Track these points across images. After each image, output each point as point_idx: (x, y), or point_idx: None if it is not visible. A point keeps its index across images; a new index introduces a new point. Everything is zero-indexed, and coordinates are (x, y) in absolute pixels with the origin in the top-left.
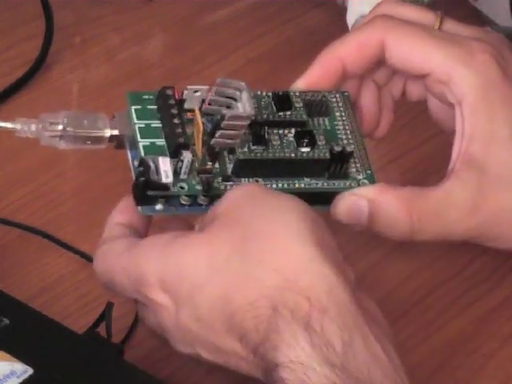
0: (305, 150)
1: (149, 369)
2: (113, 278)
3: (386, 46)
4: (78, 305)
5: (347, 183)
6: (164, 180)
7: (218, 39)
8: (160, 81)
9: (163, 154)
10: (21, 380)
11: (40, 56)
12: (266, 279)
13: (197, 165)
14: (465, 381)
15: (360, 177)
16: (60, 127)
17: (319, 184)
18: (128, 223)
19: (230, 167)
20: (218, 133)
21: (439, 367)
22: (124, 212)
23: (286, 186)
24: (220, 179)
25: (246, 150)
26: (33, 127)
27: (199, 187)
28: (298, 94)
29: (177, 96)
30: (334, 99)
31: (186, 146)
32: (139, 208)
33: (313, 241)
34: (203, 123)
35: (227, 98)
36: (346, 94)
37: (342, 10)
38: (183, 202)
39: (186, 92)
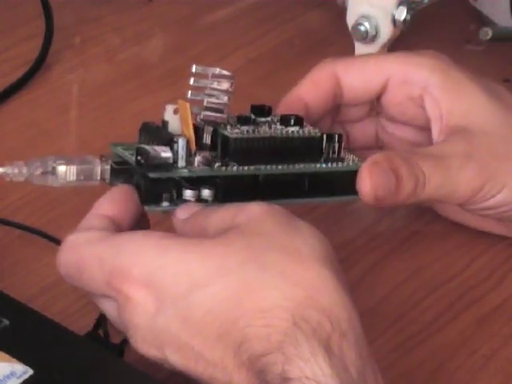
0: (293, 129)
1: (148, 369)
2: (81, 266)
3: (339, 77)
4: (77, 305)
5: (345, 164)
6: (163, 154)
7: (218, 39)
8: (160, 81)
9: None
10: (21, 381)
11: (40, 56)
12: (286, 291)
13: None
14: (465, 381)
15: (354, 158)
16: (51, 164)
17: (317, 166)
18: (111, 216)
19: (225, 155)
20: (205, 101)
21: (439, 367)
22: (109, 202)
23: (284, 168)
24: (219, 163)
25: (236, 130)
26: (23, 169)
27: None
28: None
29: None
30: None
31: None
32: (146, 207)
33: (334, 269)
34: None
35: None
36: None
37: (342, 10)
38: (188, 199)
39: (166, 113)
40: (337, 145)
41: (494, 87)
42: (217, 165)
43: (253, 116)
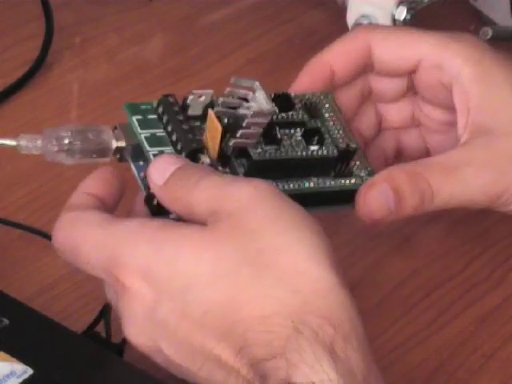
0: (314, 148)
1: (148, 369)
2: (77, 248)
3: (372, 49)
4: (77, 305)
5: (352, 180)
6: None
7: (218, 39)
8: (160, 81)
9: None
10: (21, 380)
11: (40, 56)
12: (285, 298)
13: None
14: (465, 381)
15: (362, 174)
16: (66, 141)
17: (327, 183)
18: (101, 196)
19: (240, 170)
20: (240, 132)
21: (439, 367)
22: (98, 182)
23: (296, 186)
24: None
25: (260, 150)
26: (38, 143)
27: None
28: (293, 95)
29: (178, 102)
30: (319, 101)
31: (200, 150)
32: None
33: (332, 265)
34: (222, 126)
35: (238, 98)
36: (329, 95)
37: (342, 10)
38: None
39: (190, 97)
40: (351, 161)
41: None
42: None
43: (278, 134)
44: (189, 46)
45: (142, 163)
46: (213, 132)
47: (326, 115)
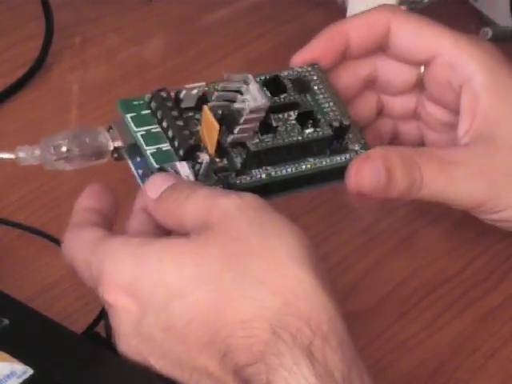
0: (309, 131)
1: (148, 369)
2: (75, 267)
3: (391, 30)
4: (77, 305)
5: (347, 156)
6: (184, 175)
7: (218, 39)
8: (160, 81)
9: (171, 159)
10: (21, 380)
11: (40, 56)
12: (266, 301)
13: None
14: (465, 381)
15: (356, 147)
16: (64, 149)
17: (323, 162)
18: (97, 209)
19: (237, 161)
20: (237, 128)
21: (439, 367)
22: (92, 197)
23: (293, 170)
24: (234, 175)
25: (257, 140)
26: (36, 153)
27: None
28: (283, 74)
29: (172, 96)
30: (308, 74)
31: (197, 147)
32: None
33: (312, 268)
34: (219, 122)
35: (232, 91)
36: (316, 66)
37: (342, 10)
38: None
39: (183, 92)
40: (345, 136)
41: None
42: (231, 177)
43: (273, 121)
44: (189, 45)
45: (139, 159)
46: (209, 128)
47: (315, 88)
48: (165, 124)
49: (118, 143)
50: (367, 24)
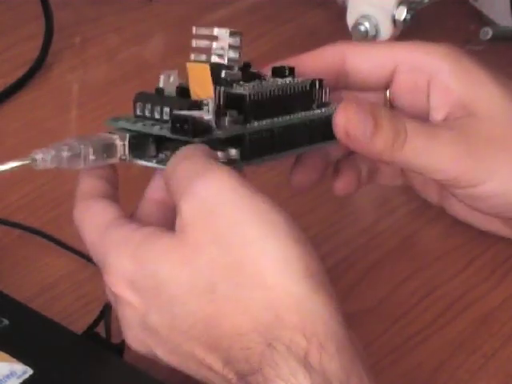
0: (288, 79)
1: (148, 369)
2: (83, 240)
3: (347, 57)
4: (77, 305)
5: (334, 107)
6: (206, 117)
7: None
8: None
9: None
10: (21, 380)
11: (40, 56)
12: (258, 316)
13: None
14: (465, 381)
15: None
16: (77, 144)
17: (312, 112)
18: (102, 175)
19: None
20: (224, 73)
21: (439, 367)
22: (94, 169)
23: (286, 119)
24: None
25: (246, 87)
26: (52, 153)
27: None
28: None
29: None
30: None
31: (197, 102)
32: None
33: (302, 270)
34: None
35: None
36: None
37: (342, 10)
38: (222, 160)
39: (161, 80)
40: (325, 89)
41: (506, 80)
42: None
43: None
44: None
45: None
46: (200, 76)
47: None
48: (156, 113)
49: (125, 140)
50: (318, 56)
